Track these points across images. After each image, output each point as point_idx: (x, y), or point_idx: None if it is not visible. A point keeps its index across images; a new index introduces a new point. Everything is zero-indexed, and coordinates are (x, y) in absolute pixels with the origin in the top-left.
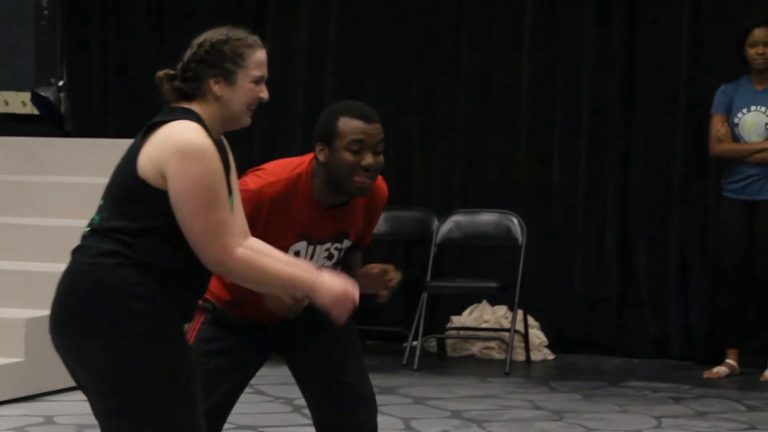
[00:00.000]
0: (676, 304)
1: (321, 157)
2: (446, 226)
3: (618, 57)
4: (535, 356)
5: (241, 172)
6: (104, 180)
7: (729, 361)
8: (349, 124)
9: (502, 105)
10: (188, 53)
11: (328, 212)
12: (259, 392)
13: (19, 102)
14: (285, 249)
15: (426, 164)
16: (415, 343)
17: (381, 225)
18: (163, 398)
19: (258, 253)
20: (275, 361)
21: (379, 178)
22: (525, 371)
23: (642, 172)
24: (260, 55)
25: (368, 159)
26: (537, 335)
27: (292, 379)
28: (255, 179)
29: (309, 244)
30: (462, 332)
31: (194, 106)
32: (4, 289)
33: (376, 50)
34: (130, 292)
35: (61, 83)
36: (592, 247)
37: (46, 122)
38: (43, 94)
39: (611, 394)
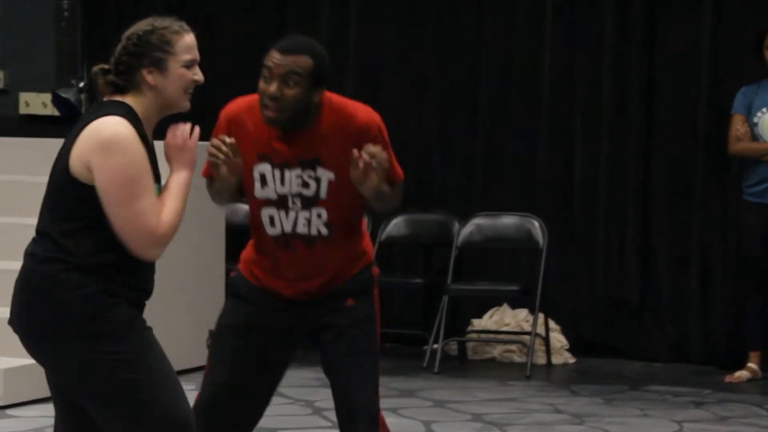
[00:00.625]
0: (696, 308)
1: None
2: (467, 229)
3: (638, 60)
4: (556, 360)
5: None
6: None
7: (751, 365)
8: (268, 54)
9: (522, 107)
10: (119, 47)
11: (285, 136)
12: (278, 394)
13: (39, 103)
14: (251, 169)
15: (446, 167)
16: (435, 346)
17: (401, 227)
18: (133, 392)
19: (162, 214)
20: (295, 363)
21: (358, 106)
22: (546, 375)
23: (662, 175)
24: (188, 39)
25: (272, 88)
26: (558, 338)
27: (312, 382)
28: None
29: (273, 167)
30: (483, 335)
31: (129, 99)
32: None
33: (395, 53)
34: (75, 295)
35: (81, 84)
36: (613, 251)
37: (67, 123)
38: (63, 95)
39: (632, 398)
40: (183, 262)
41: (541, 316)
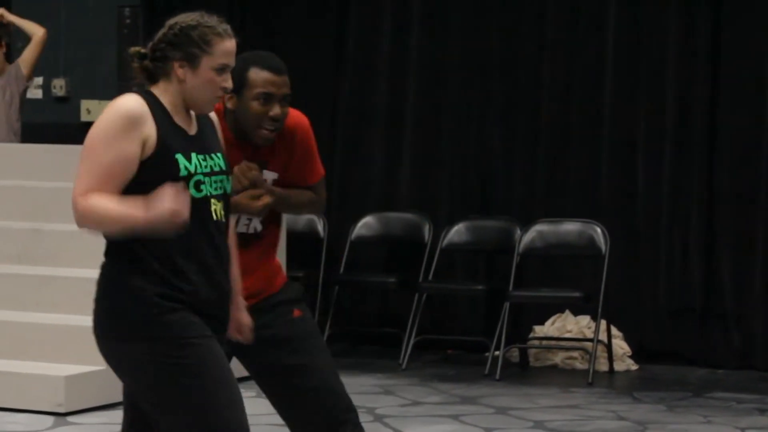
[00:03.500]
0: (761, 314)
1: (230, 105)
2: (529, 236)
3: (702, 64)
4: (619, 367)
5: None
6: None
7: None
8: (260, 75)
9: (584, 113)
10: (159, 33)
11: (239, 142)
12: None
13: (101, 111)
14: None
15: (508, 173)
16: (497, 353)
17: (463, 234)
18: (188, 398)
19: (100, 200)
20: (355, 370)
21: (292, 111)
22: (608, 382)
23: (726, 181)
24: (228, 44)
25: (275, 110)
26: (620, 345)
27: (373, 389)
28: None
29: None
30: (544, 342)
31: (157, 87)
32: (85, 297)
33: (458, 60)
34: (132, 297)
35: None
36: (676, 257)
37: None
38: None
39: (696, 405)
40: None
41: (603, 323)
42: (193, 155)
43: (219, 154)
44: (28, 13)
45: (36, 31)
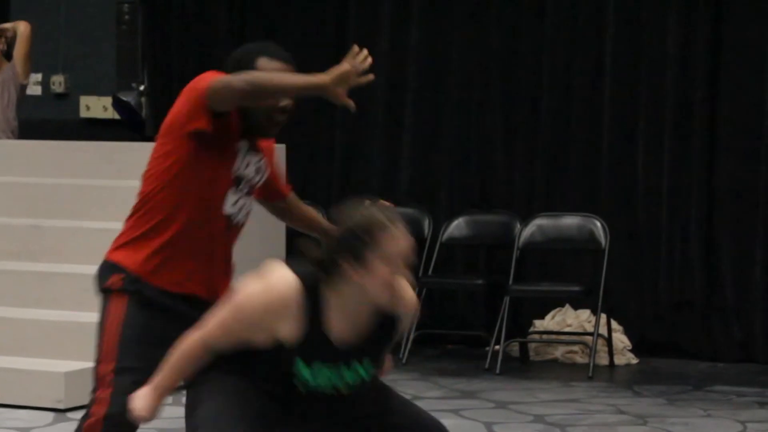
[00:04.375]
0: (761, 308)
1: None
2: (529, 230)
3: (703, 59)
4: (619, 360)
5: (327, 183)
6: None
7: None
8: (269, 65)
9: (584, 107)
10: (329, 238)
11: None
12: None
13: (100, 107)
14: (236, 143)
15: (508, 167)
16: (497, 347)
17: (463, 228)
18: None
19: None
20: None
21: None
22: (608, 375)
23: (726, 175)
24: (396, 234)
25: (285, 100)
26: (620, 339)
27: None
28: None
29: (248, 148)
30: (545, 336)
31: (327, 284)
32: (84, 294)
33: (458, 54)
34: None
35: (142, 88)
36: (676, 251)
37: (127, 127)
38: (124, 98)
39: (696, 399)
40: (242, 256)
41: (603, 317)
42: (322, 369)
43: (363, 365)
44: (28, 9)
45: (18, 26)
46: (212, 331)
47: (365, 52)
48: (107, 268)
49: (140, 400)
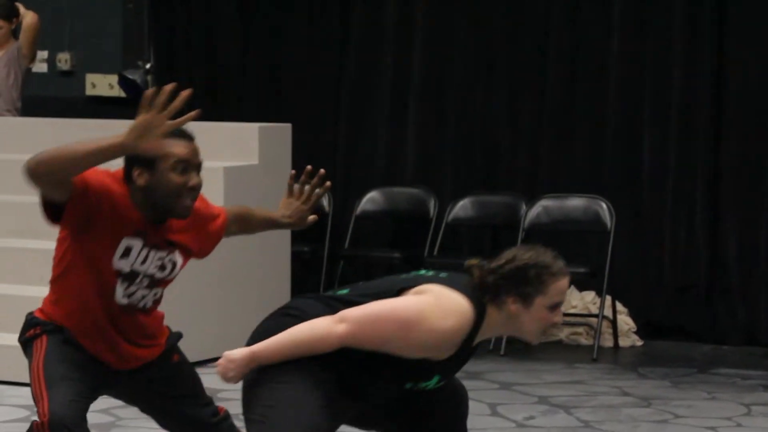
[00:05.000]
0: (766, 291)
1: (140, 182)
2: (534, 211)
3: (709, 41)
4: (623, 342)
5: (332, 164)
6: None
7: None
8: (174, 145)
9: (590, 88)
10: (497, 263)
11: (151, 224)
12: None
13: (106, 85)
14: (117, 240)
15: (513, 149)
16: None
17: (468, 209)
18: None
19: (331, 334)
20: None
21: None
22: (613, 357)
23: (732, 157)
24: (563, 283)
25: (195, 179)
26: (625, 321)
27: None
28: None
29: (144, 245)
30: None
31: (486, 313)
32: None
33: (463, 35)
34: None
35: (148, 66)
36: (682, 233)
37: (133, 105)
38: (130, 77)
39: (700, 381)
40: (248, 246)
41: (608, 299)
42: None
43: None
44: None
45: (25, 14)
46: (361, 336)
47: (166, 91)
48: (28, 323)
49: (231, 362)
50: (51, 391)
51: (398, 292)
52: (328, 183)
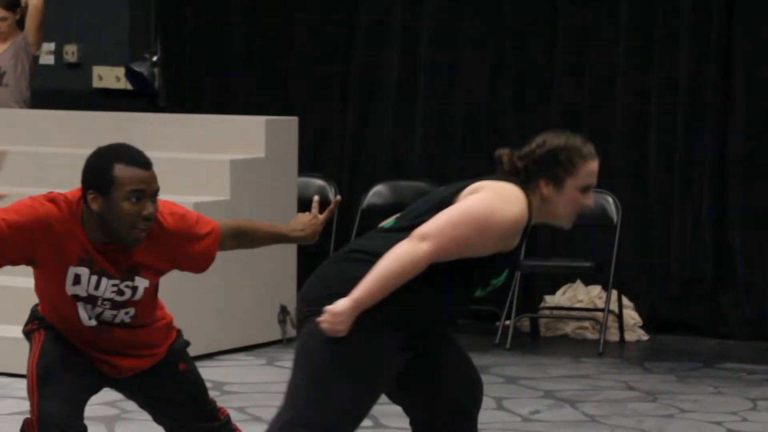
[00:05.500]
0: None
1: (94, 206)
2: None
3: (716, 34)
4: (629, 337)
5: (338, 157)
6: (195, 155)
7: None
8: (127, 172)
9: (596, 82)
10: (528, 148)
11: (106, 247)
12: None
13: (113, 77)
14: (64, 269)
15: (520, 142)
16: (507, 322)
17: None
18: (335, 396)
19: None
20: None
21: (162, 209)
22: (619, 352)
23: (739, 151)
24: (592, 165)
25: (149, 208)
26: (631, 315)
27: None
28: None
29: (91, 272)
30: (555, 312)
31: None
32: None
33: (470, 30)
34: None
35: (155, 59)
36: (688, 227)
37: (140, 97)
38: (137, 69)
39: (706, 376)
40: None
41: (614, 293)
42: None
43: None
44: None
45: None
46: (446, 246)
47: None
48: (31, 315)
49: (338, 315)
50: (42, 389)
51: (453, 196)
52: (339, 197)
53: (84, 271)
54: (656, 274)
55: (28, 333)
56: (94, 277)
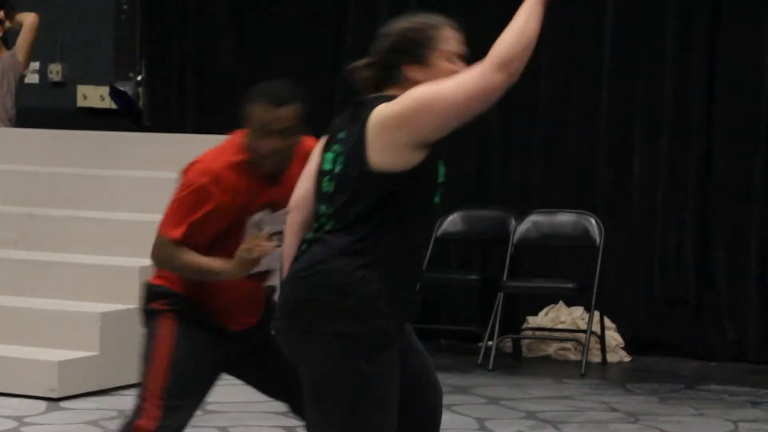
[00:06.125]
0: (755, 307)
1: (246, 141)
2: (524, 226)
3: (700, 57)
4: (611, 358)
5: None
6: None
7: None
8: (257, 110)
9: (581, 104)
10: (378, 44)
11: (272, 181)
12: None
13: (97, 96)
14: (242, 222)
15: (504, 163)
16: (490, 343)
17: (458, 223)
18: (358, 410)
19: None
20: None
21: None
22: (601, 373)
23: (722, 173)
24: (447, 32)
25: (273, 144)
26: (613, 337)
27: None
28: (202, 169)
29: (272, 211)
30: (538, 333)
31: (390, 93)
32: (80, 283)
33: None
34: (360, 293)
35: (139, 78)
36: (670, 249)
37: (124, 117)
38: (121, 88)
39: (688, 397)
40: None
41: (596, 314)
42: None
43: None
44: None
45: (26, 17)
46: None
47: None
48: (153, 293)
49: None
50: (170, 400)
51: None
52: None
53: (264, 215)
54: (638, 295)
55: (151, 312)
56: (271, 214)
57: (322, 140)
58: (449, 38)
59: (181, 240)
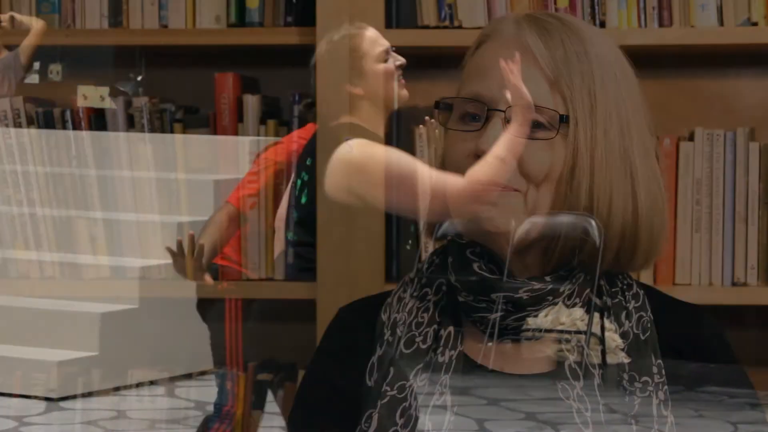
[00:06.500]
0: (755, 308)
1: None
2: (523, 227)
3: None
4: (611, 359)
5: None
6: (179, 175)
7: None
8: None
9: None
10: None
11: None
12: None
13: (97, 97)
14: None
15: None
16: (490, 344)
17: (458, 224)
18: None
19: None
20: None
21: None
22: (600, 374)
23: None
24: (366, 33)
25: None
26: (613, 338)
27: None
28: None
29: None
30: (537, 334)
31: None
32: (79, 283)
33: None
34: None
35: (139, 78)
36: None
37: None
38: (121, 89)
39: (687, 399)
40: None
41: (596, 316)
42: None
43: None
44: None
45: (35, 23)
46: None
47: None
48: None
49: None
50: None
51: None
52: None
53: None
54: None
55: None
56: None
57: None
58: (369, 40)
59: None
